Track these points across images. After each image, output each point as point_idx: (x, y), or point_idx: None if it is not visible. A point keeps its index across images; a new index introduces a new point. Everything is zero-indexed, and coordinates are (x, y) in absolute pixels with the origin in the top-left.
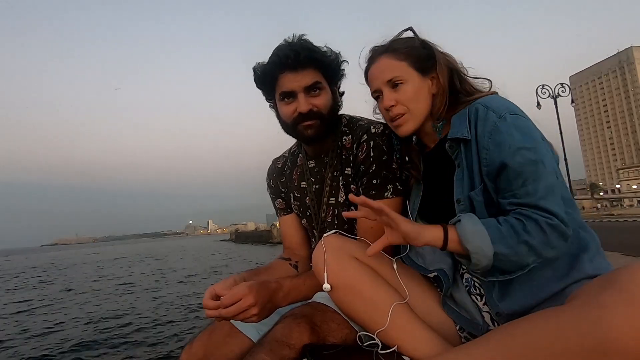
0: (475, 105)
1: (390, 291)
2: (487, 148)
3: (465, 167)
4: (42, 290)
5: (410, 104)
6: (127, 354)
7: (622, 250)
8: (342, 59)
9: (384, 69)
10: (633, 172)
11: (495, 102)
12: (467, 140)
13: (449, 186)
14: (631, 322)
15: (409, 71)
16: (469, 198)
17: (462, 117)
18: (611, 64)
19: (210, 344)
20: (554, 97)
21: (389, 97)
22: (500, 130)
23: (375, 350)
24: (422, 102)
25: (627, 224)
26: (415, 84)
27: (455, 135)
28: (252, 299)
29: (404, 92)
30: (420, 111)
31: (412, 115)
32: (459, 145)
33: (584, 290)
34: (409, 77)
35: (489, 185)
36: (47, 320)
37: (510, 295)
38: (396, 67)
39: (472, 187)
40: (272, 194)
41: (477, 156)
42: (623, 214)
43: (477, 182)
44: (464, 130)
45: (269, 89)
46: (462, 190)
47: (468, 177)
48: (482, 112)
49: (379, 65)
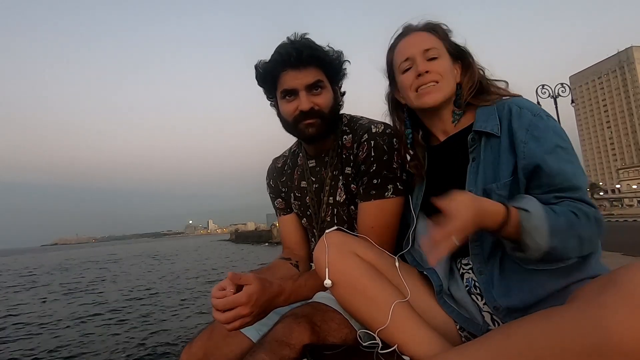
0: (507, 104)
1: (392, 289)
2: (525, 142)
3: (483, 161)
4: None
5: (445, 75)
6: (128, 354)
7: (622, 250)
8: (344, 58)
9: (423, 39)
10: (633, 172)
11: (527, 103)
12: (492, 136)
13: (458, 180)
14: (631, 322)
15: (444, 51)
16: (484, 191)
17: (490, 114)
18: (611, 64)
19: (210, 344)
20: (554, 97)
21: (424, 64)
22: (538, 126)
23: (375, 350)
24: (451, 82)
25: (627, 224)
26: (448, 63)
27: (482, 129)
28: (248, 309)
29: (439, 65)
30: (448, 88)
31: (444, 87)
32: (480, 140)
33: (584, 291)
34: (444, 56)
35: (521, 180)
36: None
37: (510, 290)
38: (434, 42)
39: (494, 180)
40: (272, 193)
41: (508, 151)
42: (623, 214)
43: (504, 175)
44: (493, 126)
45: (270, 87)
46: (476, 183)
47: (485, 170)
48: (515, 110)
49: (417, 36)
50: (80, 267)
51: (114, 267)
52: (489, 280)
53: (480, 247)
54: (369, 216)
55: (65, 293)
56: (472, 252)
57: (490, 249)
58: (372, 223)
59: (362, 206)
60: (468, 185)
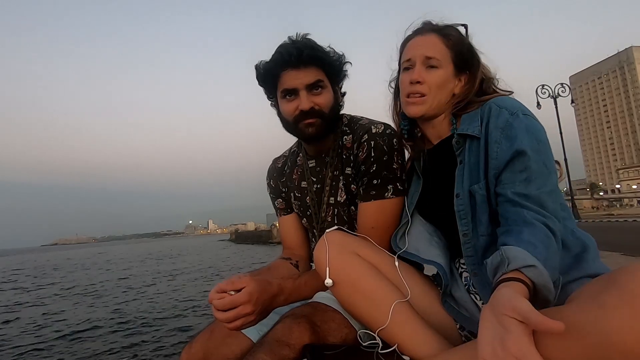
0: (488, 105)
1: (392, 288)
2: (498, 142)
3: (467, 163)
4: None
5: (435, 89)
6: (129, 353)
7: (622, 250)
8: (345, 60)
9: (429, 44)
10: (633, 172)
11: (508, 102)
12: (474, 138)
13: (449, 182)
14: (632, 322)
15: (448, 61)
16: (469, 192)
17: (474, 116)
18: (611, 64)
19: (210, 344)
20: (554, 97)
21: (419, 73)
22: (513, 126)
23: (375, 350)
24: (444, 95)
25: (627, 224)
26: (447, 75)
27: (464, 132)
28: (250, 308)
29: (435, 76)
30: (438, 101)
31: (429, 101)
32: (465, 142)
33: (584, 290)
34: (445, 66)
35: (490, 179)
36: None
37: None
38: (440, 50)
39: (476, 181)
40: (272, 193)
41: (485, 152)
42: (623, 214)
43: (482, 176)
44: (474, 128)
45: (271, 86)
46: (462, 185)
47: (470, 172)
48: (495, 110)
49: (426, 39)
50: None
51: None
52: (484, 281)
53: (474, 249)
54: (369, 216)
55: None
56: (466, 254)
57: (483, 250)
58: (372, 223)
59: (362, 206)
60: (456, 189)
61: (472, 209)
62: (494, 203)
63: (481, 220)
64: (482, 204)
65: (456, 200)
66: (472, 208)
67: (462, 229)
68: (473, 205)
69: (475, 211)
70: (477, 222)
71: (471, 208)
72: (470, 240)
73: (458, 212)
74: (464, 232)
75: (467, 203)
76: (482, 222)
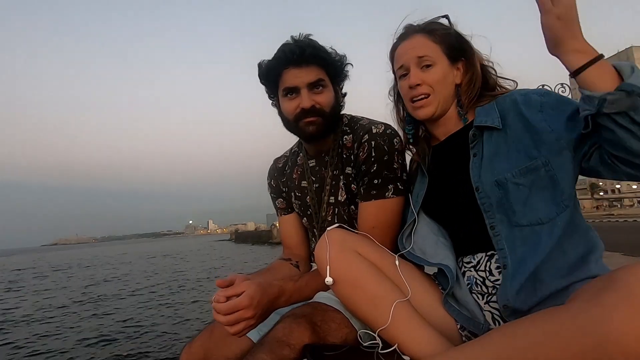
0: (508, 97)
1: (392, 287)
2: (545, 119)
3: (485, 155)
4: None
5: (436, 86)
6: (129, 353)
7: (622, 250)
8: (347, 61)
9: (418, 46)
10: None
11: (528, 90)
12: (493, 129)
13: (459, 177)
14: (632, 322)
15: (440, 55)
16: (497, 183)
17: (490, 109)
18: None
19: (210, 344)
20: None
21: (416, 75)
22: (548, 102)
23: (375, 350)
24: (447, 89)
25: (627, 224)
26: (444, 69)
27: (483, 124)
28: (251, 312)
29: (432, 74)
30: (444, 97)
31: (436, 99)
32: (482, 135)
33: (584, 290)
34: (440, 61)
35: (556, 151)
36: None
37: (520, 289)
38: (430, 48)
39: (509, 169)
40: (273, 193)
41: (520, 140)
42: (623, 214)
43: (521, 162)
44: (494, 119)
45: (272, 84)
46: (480, 178)
47: (493, 163)
48: (522, 99)
49: (413, 41)
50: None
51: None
52: (513, 274)
53: (505, 241)
54: (370, 216)
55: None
56: (497, 247)
57: (521, 242)
58: (373, 223)
59: (363, 206)
60: (474, 182)
61: (499, 200)
62: (546, 190)
63: (515, 210)
64: (516, 192)
65: (477, 194)
66: (501, 199)
67: (489, 222)
68: (502, 196)
69: (507, 201)
70: (510, 212)
71: (499, 199)
72: (499, 233)
73: (482, 206)
74: (491, 225)
75: (492, 195)
76: (517, 212)
